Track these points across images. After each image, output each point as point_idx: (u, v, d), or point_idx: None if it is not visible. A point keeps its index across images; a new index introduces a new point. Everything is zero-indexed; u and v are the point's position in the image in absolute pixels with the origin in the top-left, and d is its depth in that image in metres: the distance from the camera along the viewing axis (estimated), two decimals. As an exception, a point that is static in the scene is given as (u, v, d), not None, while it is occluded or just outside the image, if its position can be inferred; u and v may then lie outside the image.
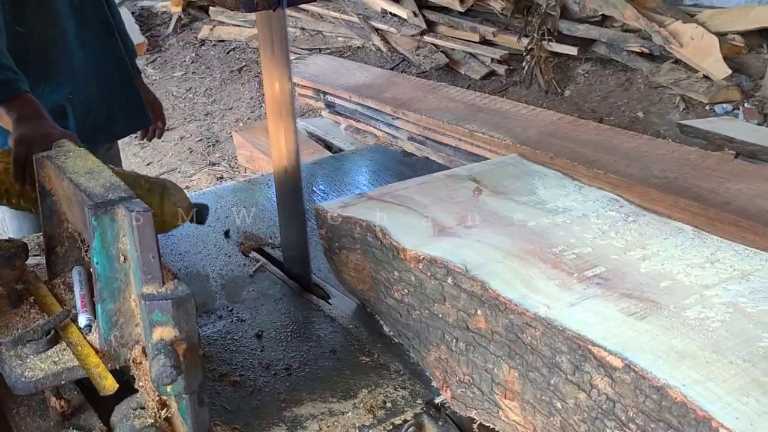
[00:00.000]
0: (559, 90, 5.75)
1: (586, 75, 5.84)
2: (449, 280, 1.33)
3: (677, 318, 1.15)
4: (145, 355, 1.20)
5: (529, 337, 1.19)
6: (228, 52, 7.28)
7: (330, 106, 5.21)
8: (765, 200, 2.81)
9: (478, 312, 1.28)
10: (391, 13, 6.60)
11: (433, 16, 6.42)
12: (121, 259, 1.16)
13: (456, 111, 4.38)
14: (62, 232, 1.40)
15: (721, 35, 5.34)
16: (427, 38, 6.38)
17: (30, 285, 1.39)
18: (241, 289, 1.78)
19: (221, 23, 7.60)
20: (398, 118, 4.69)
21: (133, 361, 1.22)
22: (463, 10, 6.24)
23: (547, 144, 3.62)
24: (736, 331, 1.11)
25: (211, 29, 7.57)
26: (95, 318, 1.25)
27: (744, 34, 5.43)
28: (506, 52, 6.07)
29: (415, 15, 6.41)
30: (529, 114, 4.16)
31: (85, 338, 1.25)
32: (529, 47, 5.76)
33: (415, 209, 1.56)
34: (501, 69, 6.03)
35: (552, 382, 1.15)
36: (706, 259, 1.30)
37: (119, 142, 2.44)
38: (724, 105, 5.13)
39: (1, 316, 1.32)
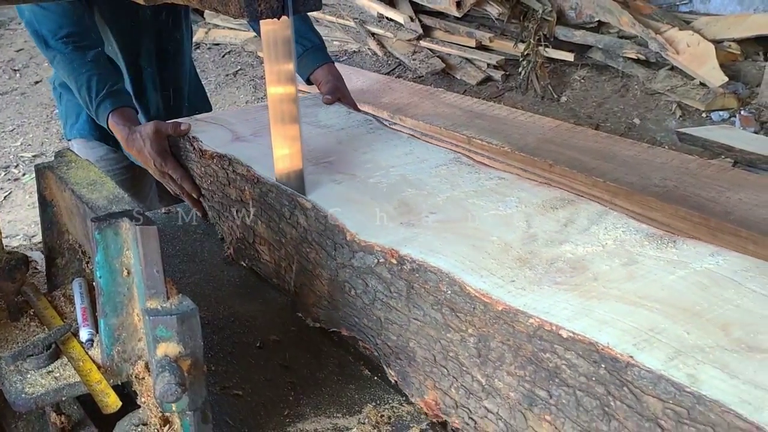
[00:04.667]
0: (555, 96, 5.74)
1: (582, 81, 5.83)
2: (231, 169, 1.82)
3: (362, 183, 1.69)
4: (148, 371, 1.18)
5: (271, 199, 1.70)
6: (223, 56, 7.26)
7: (326, 110, 5.18)
8: (765, 209, 2.79)
9: (246, 188, 1.78)
10: (387, 17, 6.60)
11: (429, 21, 6.41)
12: (125, 273, 1.14)
13: (453, 117, 4.35)
14: (63, 243, 1.38)
15: (717, 42, 5.35)
16: (423, 43, 6.37)
17: (30, 297, 1.37)
18: (241, 298, 1.76)
19: (216, 26, 7.58)
20: (395, 123, 4.66)
21: (135, 377, 1.20)
22: (459, 16, 6.23)
23: (546, 151, 3.59)
24: (392, 188, 1.64)
25: (207, 32, 7.55)
26: (97, 332, 1.23)
27: (740, 41, 5.44)
28: (502, 57, 6.06)
29: (412, 20, 6.40)
30: (526, 120, 4.14)
31: (87, 353, 1.22)
32: (526, 53, 5.76)
33: (224, 125, 2.06)
34: (497, 74, 6.02)
35: (281, 225, 1.68)
36: (404, 153, 1.83)
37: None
38: (721, 112, 5.13)
39: (0, 330, 1.30)
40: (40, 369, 1.20)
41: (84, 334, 1.25)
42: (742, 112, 5.06)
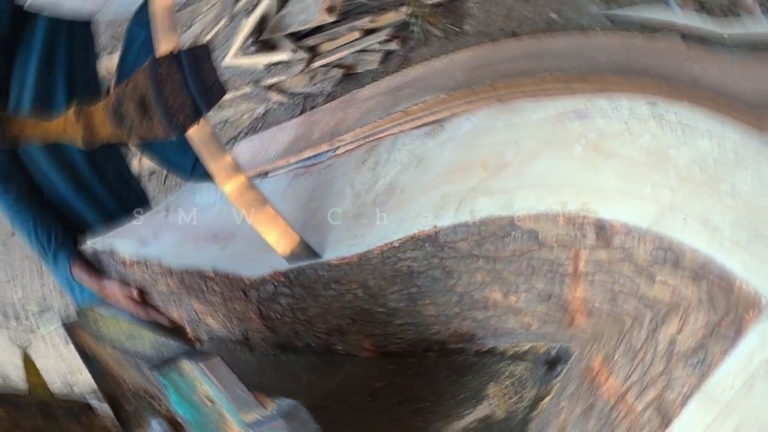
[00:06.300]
0: (457, 29, 5.72)
1: (478, 4, 5.81)
2: (150, 271, 2.04)
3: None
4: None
5: (186, 281, 1.92)
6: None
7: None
8: (735, 80, 2.66)
9: (168, 281, 1.98)
10: (273, 63, 6.58)
11: (310, 40, 6.39)
12: (208, 403, 1.12)
13: (380, 104, 4.29)
14: (124, 391, 1.39)
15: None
16: (315, 64, 6.36)
17: (112, 439, 1.36)
18: (316, 374, 1.70)
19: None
20: (339, 147, 4.64)
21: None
22: (334, 19, 6.21)
23: (479, 77, 3.51)
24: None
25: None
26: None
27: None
28: (391, 28, 6.05)
29: (294, 51, 6.38)
30: (446, 65, 4.11)
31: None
32: (410, 12, 5.74)
33: (128, 237, 2.23)
34: (393, 45, 6.00)
35: (208, 297, 1.91)
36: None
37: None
38: (651, -7, 5.01)
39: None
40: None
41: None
42: (677, -7, 4.92)
